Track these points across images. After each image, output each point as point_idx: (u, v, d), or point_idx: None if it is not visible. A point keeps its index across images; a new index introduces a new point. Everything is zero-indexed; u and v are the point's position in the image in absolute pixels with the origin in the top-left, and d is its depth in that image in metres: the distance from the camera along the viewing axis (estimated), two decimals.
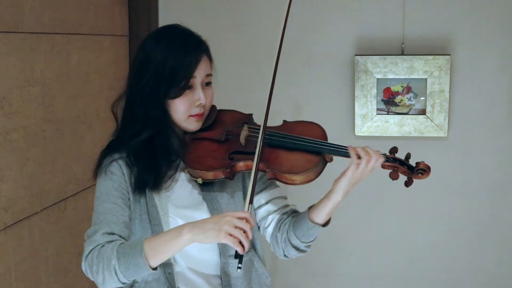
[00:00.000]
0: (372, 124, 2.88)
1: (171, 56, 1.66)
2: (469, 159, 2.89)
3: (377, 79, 2.85)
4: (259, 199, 1.81)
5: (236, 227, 1.49)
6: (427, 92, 2.83)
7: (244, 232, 1.50)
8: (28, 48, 2.19)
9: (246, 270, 1.77)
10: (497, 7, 2.80)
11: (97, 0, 2.66)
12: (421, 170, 1.69)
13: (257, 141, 1.67)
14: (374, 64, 2.84)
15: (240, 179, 1.80)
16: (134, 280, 1.67)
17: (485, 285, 2.98)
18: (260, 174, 1.75)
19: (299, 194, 1.98)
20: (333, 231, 2.00)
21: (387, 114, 2.88)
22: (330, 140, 1.73)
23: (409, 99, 2.86)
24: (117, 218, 1.63)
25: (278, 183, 1.75)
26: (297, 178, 1.65)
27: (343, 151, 1.68)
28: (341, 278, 3.08)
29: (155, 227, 1.67)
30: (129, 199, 1.68)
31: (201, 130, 1.75)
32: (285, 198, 1.85)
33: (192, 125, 1.72)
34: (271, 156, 1.68)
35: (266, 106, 1.69)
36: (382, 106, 2.88)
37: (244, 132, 1.73)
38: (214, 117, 1.78)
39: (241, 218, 1.51)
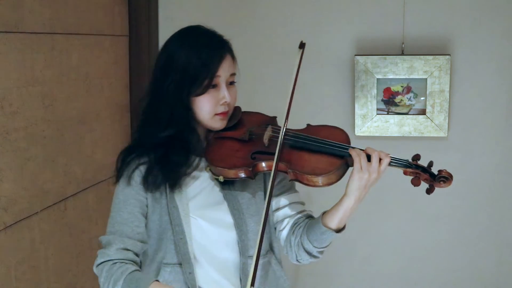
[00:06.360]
0: (372, 124, 2.88)
1: (194, 55, 1.68)
2: (469, 159, 2.89)
3: (377, 79, 2.85)
4: (278, 201, 1.82)
5: None
6: (427, 92, 2.83)
7: None
8: (28, 48, 2.19)
9: (264, 272, 1.78)
10: (497, 7, 2.80)
11: (97, 0, 2.66)
12: (443, 178, 1.70)
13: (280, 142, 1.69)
14: (374, 64, 2.84)
15: (262, 179, 1.81)
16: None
17: (485, 285, 2.98)
18: (281, 176, 1.78)
19: (317, 200, 1.98)
20: None
21: (387, 114, 2.88)
22: None
23: (409, 99, 2.86)
24: (132, 230, 1.66)
25: (300, 186, 1.75)
26: (319, 179, 1.66)
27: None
28: (341, 278, 3.08)
29: (176, 228, 1.69)
30: (146, 206, 1.71)
31: (225, 129, 1.77)
32: (303, 204, 1.86)
33: (217, 124, 1.74)
34: (293, 157, 1.69)
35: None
36: (382, 106, 2.88)
37: (268, 133, 1.75)
38: (238, 118, 1.80)
39: None
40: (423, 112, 2.85)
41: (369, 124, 2.88)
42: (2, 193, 2.07)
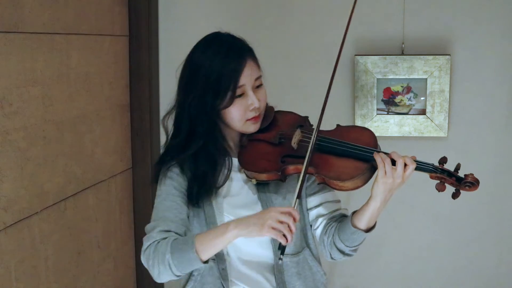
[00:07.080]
0: (372, 124, 2.88)
1: (215, 69, 1.69)
2: (469, 159, 2.88)
3: (377, 79, 2.85)
4: (311, 201, 1.85)
5: (279, 221, 1.54)
6: (427, 92, 2.83)
7: (288, 225, 1.55)
8: (28, 48, 2.19)
9: (300, 268, 1.81)
10: (497, 7, 2.80)
11: (97, 0, 2.66)
12: (469, 183, 1.69)
13: (308, 146, 1.71)
14: (374, 64, 2.84)
15: (295, 181, 1.82)
16: (191, 273, 1.75)
17: (485, 285, 2.98)
18: (313, 177, 1.81)
19: (351, 198, 2.00)
20: None
21: (387, 114, 2.88)
22: None
23: (409, 99, 2.86)
24: (175, 216, 1.71)
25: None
26: (345, 184, 1.68)
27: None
28: (341, 278, 3.08)
29: (211, 226, 1.73)
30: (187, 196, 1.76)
31: (258, 131, 1.79)
32: (338, 201, 1.87)
33: (250, 128, 1.77)
34: (320, 161, 1.71)
35: (319, 113, 1.74)
36: (382, 106, 2.88)
37: (297, 136, 1.77)
38: (271, 118, 1.82)
39: (285, 213, 1.56)
40: (423, 112, 2.85)
41: (369, 124, 2.88)
42: (2, 193, 2.07)
